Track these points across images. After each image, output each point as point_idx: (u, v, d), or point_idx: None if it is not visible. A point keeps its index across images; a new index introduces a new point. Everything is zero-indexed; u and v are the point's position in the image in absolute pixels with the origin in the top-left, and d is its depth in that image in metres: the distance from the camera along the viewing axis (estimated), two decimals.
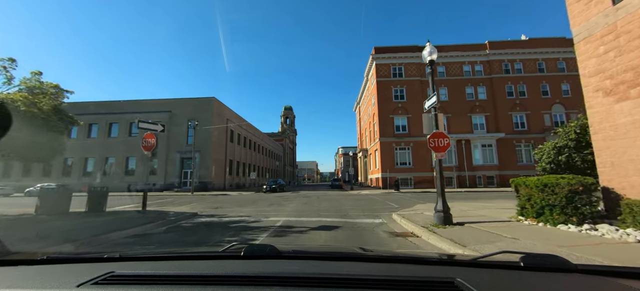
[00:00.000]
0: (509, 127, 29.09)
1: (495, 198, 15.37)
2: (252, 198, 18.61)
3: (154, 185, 30.39)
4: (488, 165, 27.71)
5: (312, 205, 13.09)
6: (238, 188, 37.20)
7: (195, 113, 31.26)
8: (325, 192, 27.38)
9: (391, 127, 29.51)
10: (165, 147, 31.32)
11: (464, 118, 29.58)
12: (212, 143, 31.35)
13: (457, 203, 11.67)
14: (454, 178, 27.46)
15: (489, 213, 8.45)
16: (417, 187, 27.94)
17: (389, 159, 28.73)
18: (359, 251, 1.47)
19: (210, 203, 14.45)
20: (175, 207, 12.46)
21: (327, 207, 11.89)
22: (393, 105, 29.94)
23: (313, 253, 1.47)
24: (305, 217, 9.19)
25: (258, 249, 1.41)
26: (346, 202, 14.44)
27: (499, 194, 19.28)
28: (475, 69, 30.67)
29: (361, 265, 1.31)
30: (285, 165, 78.81)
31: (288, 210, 11.29)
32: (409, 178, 28.37)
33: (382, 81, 30.40)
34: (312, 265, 1.28)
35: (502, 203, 11.52)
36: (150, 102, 33.04)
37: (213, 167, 31.28)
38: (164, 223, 8.06)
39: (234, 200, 17.12)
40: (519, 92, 29.92)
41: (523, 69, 30.34)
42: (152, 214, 9.48)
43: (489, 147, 28.22)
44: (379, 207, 11.85)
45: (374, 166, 32.80)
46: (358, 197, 17.78)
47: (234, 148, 37.90)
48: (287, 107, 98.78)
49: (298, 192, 26.59)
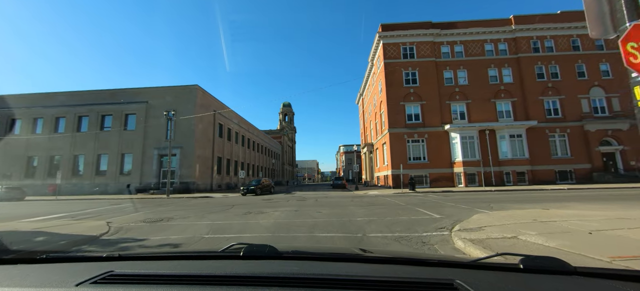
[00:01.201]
0: (540, 114, 24.84)
1: (557, 200, 11.19)
2: (231, 202, 14.50)
3: (128, 186, 26.32)
4: (518, 159, 23.47)
5: (306, 213, 8.95)
6: (228, 189, 33.10)
7: (175, 104, 27.14)
8: (325, 192, 23.23)
9: (402, 116, 25.31)
10: (142, 142, 27.25)
11: (486, 104, 25.36)
12: (196, 138, 27.25)
13: (526, 209, 7.48)
14: (477, 175, 23.25)
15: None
16: (433, 186, 23.75)
17: (400, 153, 24.54)
18: (359, 252, 1.46)
19: (168, 211, 10.37)
20: (95, 220, 8.28)
21: (327, 219, 7.74)
22: (404, 91, 25.74)
23: (312, 254, 1.45)
24: (285, 241, 5.07)
25: (257, 249, 1.41)
26: (354, 208, 10.28)
27: (548, 194, 15.09)
28: (499, 47, 26.42)
29: (361, 266, 1.30)
30: (284, 164, 74.72)
31: (266, 223, 7.17)
32: (424, 175, 24.18)
33: (391, 63, 26.21)
34: (312, 266, 1.27)
35: (603, 207, 7.34)
36: (124, 91, 28.95)
37: (197, 165, 27.18)
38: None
39: (207, 205, 13.02)
40: (550, 73, 25.67)
41: (554, 47, 26.08)
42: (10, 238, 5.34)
43: (518, 137, 23.98)
44: (410, 218, 7.66)
45: (382, 162, 28.64)
46: (368, 200, 13.62)
47: (224, 144, 33.80)
48: (286, 103, 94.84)
49: (292, 193, 22.42)
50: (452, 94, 25.63)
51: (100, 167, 27.73)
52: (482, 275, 1.10)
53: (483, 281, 1.01)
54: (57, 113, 28.91)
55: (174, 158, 26.74)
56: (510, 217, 6.18)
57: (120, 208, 11.90)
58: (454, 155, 24.13)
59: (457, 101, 25.53)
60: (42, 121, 29.14)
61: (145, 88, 28.85)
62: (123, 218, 8.56)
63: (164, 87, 28.55)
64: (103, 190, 26.49)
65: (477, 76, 25.83)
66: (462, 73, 26.03)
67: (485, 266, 1.21)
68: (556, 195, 14.02)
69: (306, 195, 19.70)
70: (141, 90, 28.88)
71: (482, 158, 23.68)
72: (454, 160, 24.07)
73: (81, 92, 29.63)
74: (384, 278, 1.07)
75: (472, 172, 23.25)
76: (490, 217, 6.41)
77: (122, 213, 9.97)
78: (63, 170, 27.38)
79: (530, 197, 13.08)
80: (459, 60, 26.19)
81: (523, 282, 1.04)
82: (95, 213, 10.43)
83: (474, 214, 7.25)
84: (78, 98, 29.11)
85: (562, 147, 24.52)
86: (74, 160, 27.97)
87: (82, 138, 27.98)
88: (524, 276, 1.09)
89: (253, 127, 47.81)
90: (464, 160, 23.34)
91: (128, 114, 28.24)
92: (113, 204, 14.52)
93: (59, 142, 28.13)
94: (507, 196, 14.02)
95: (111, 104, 28.49)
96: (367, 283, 1.01)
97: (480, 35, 26.44)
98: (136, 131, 27.61)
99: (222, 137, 33.76)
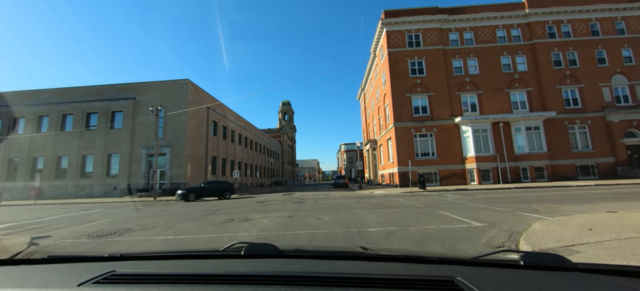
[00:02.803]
0: (558, 105, 22.91)
1: (596, 199, 9.35)
2: (217, 206, 12.68)
3: (115, 189, 24.54)
4: (535, 154, 21.56)
5: (303, 221, 7.10)
6: None
7: (165, 100, 25.37)
8: (326, 192, 21.40)
9: (408, 109, 23.42)
10: (129, 141, 25.45)
11: (499, 95, 23.45)
12: (187, 136, 25.44)
13: (591, 214, 5.62)
14: (491, 171, 21.37)
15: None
16: (444, 183, 21.89)
17: (406, 149, 22.67)
18: (360, 250, 1.44)
19: (137, 218, 8.55)
20: (21, 236, 6.41)
21: (329, 229, 5.88)
22: (410, 82, 23.84)
23: (313, 252, 1.45)
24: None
25: (258, 248, 1.41)
26: (362, 212, 8.43)
27: (578, 192, 13.21)
28: (512, 33, 24.49)
29: (362, 264, 1.28)
30: (284, 164, 72.91)
31: (246, 236, 5.34)
32: (434, 172, 22.31)
33: (396, 52, 24.31)
34: (313, 264, 1.26)
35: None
36: (111, 87, 27.14)
37: (188, 165, 25.37)
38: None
39: (187, 210, 11.21)
40: (568, 60, 23.73)
41: (572, 32, 24.13)
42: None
43: (535, 130, 22.06)
44: (441, 227, 5.79)
45: (387, 159, 26.78)
46: (377, 201, 11.78)
47: (219, 142, 31.98)
48: (285, 102, 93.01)
49: (290, 194, 20.59)
50: (462, 84, 23.73)
51: (86, 168, 25.94)
52: (482, 272, 1.09)
53: (484, 278, 1.01)
54: (41, 111, 27.12)
55: (164, 158, 24.95)
56: (589, 225, 4.34)
57: (84, 216, 10.08)
58: (466, 150, 22.24)
59: (468, 92, 23.63)
60: (24, 120, 27.37)
61: (133, 83, 27.03)
62: (68, 231, 6.72)
63: (153, 82, 26.73)
64: (88, 193, 24.72)
65: (489, 64, 23.91)
66: (472, 61, 24.11)
67: (485, 263, 1.19)
68: (589, 194, 12.09)
69: (305, 195, 17.87)
70: (129, 85, 27.07)
71: (495, 152, 21.81)
72: (465, 155, 22.19)
73: (66, 89, 27.81)
74: (385, 275, 1.07)
75: (485, 168, 21.36)
76: (561, 226, 4.53)
77: (78, 223, 8.15)
78: (46, 172, 25.68)
79: (563, 196, 11.21)
80: (468, 47, 24.27)
81: (524, 278, 1.03)
82: (50, 222, 8.62)
83: (530, 221, 5.42)
84: (62, 96, 27.30)
85: (583, 139, 22.60)
86: (58, 161, 26.18)
87: (67, 138, 26.18)
88: (525, 273, 1.09)
89: (251, 125, 45.99)
90: (476, 155, 21.46)
91: (115, 111, 26.44)
92: (85, 209, 12.71)
93: (42, 141, 26.34)
94: (537, 195, 12.15)
95: (97, 101, 26.69)
96: (368, 281, 1.02)
97: (491, 20, 24.51)
98: (123, 129, 25.80)
99: (217, 135, 31.95)
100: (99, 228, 6.98)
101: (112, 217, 9.27)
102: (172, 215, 9.23)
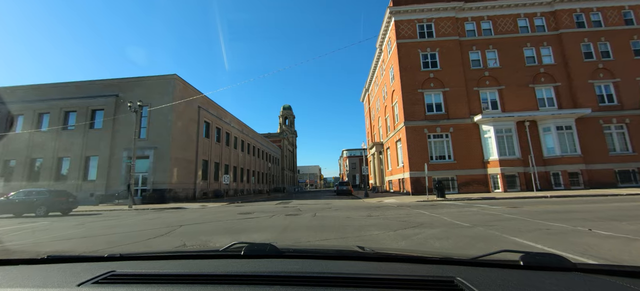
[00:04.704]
0: (591, 101, 20.18)
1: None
2: (194, 218, 9.98)
3: (91, 195, 21.93)
4: (568, 157, 18.76)
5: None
6: (216, 197, 28.62)
7: (150, 97, 22.92)
8: (328, 201, 18.65)
9: (421, 106, 20.77)
10: (109, 143, 22.95)
11: (523, 90, 20.78)
12: (174, 138, 22.91)
13: None
14: (518, 176, 18.57)
15: None
16: (463, 191, 19.09)
17: (419, 151, 19.94)
18: (359, 250, 1.45)
19: (76, 235, 5.92)
20: None
21: None
22: (422, 76, 21.26)
23: (313, 252, 1.45)
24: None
25: (258, 248, 1.42)
26: (379, 233, 5.74)
27: (630, 204, 10.45)
28: (535, 23, 21.95)
29: (361, 264, 1.29)
30: (284, 169, 70.19)
31: None
32: (451, 178, 19.52)
33: (405, 43, 21.80)
34: (312, 264, 1.26)
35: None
36: (92, 83, 24.80)
37: (174, 169, 22.77)
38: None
39: (152, 223, 8.59)
40: (600, 52, 21.10)
41: (603, 21, 21.57)
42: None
43: (567, 130, 19.30)
44: None
45: (395, 163, 24.03)
46: (394, 215, 9.05)
47: (211, 145, 29.42)
48: (286, 106, 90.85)
49: (287, 202, 17.85)
50: (480, 79, 21.11)
51: (61, 172, 23.40)
52: (482, 272, 1.09)
53: (484, 278, 1.00)
54: (16, 110, 24.74)
55: (146, 162, 22.38)
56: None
57: (9, 232, 7.42)
58: (487, 152, 19.49)
59: (487, 87, 20.99)
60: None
61: (116, 79, 24.69)
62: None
63: (137, 78, 24.37)
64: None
65: (511, 57, 21.32)
66: (491, 54, 21.54)
67: (485, 263, 1.20)
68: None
69: (303, 204, 15.13)
70: (111, 81, 24.72)
71: (521, 155, 19.07)
72: (487, 158, 19.42)
73: (43, 85, 25.51)
74: (385, 275, 1.07)
75: (511, 173, 18.57)
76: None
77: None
78: (18, 176, 23.16)
79: (632, 209, 8.42)
80: (487, 38, 21.73)
81: (523, 279, 1.02)
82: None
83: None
84: (39, 93, 24.97)
85: (621, 140, 19.79)
86: (31, 165, 23.68)
87: (42, 139, 23.72)
88: (524, 273, 1.08)
89: (249, 128, 43.51)
90: (500, 158, 18.70)
91: (95, 110, 24.04)
92: (33, 221, 10.06)
93: (15, 143, 23.89)
94: (596, 208, 9.36)
95: (76, 99, 24.31)
96: (368, 281, 1.01)
97: (512, 8, 22.02)
98: (103, 129, 23.35)
99: (210, 138, 29.42)
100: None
101: (42, 233, 6.62)
102: (117, 234, 6.57)
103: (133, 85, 23.95)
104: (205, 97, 28.97)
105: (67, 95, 24.60)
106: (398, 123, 22.54)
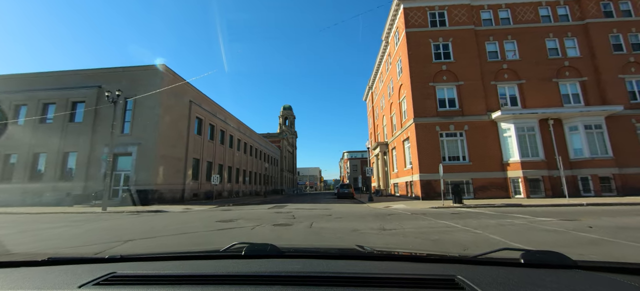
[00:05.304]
0: (622, 98, 18.16)
1: None
2: (167, 223, 7.95)
3: (68, 195, 19.93)
4: (598, 159, 16.70)
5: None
6: (207, 198, 26.59)
7: (135, 89, 20.97)
8: (328, 205, 16.61)
9: (432, 101, 18.76)
10: (89, 138, 20.99)
11: (546, 85, 18.77)
12: (160, 133, 20.93)
13: None
14: (542, 180, 16.51)
15: None
16: (479, 196, 17.03)
17: (430, 151, 17.90)
18: (360, 249, 1.44)
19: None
20: None
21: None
22: (433, 68, 19.27)
23: (314, 252, 1.45)
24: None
25: (259, 248, 1.41)
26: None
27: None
28: (558, 12, 19.99)
29: (362, 263, 1.29)
30: (283, 171, 68.16)
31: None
32: (465, 181, 17.46)
33: (415, 33, 19.83)
34: (313, 264, 1.26)
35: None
36: (75, 73, 22.88)
37: (160, 167, 20.77)
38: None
39: (106, 232, 6.53)
40: (631, 44, 19.10)
41: (633, 10, 19.58)
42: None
43: (596, 129, 17.26)
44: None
45: (403, 165, 21.97)
46: (415, 228, 7.03)
47: (203, 143, 27.44)
48: (286, 106, 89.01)
49: (281, 207, 15.77)
50: (498, 72, 19.12)
51: (37, 169, 21.44)
52: (483, 270, 1.08)
53: (484, 277, 1.00)
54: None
55: (129, 159, 20.41)
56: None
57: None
58: (507, 153, 17.44)
59: (506, 81, 18.98)
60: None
61: (100, 69, 22.79)
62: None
63: (122, 68, 22.43)
64: (36, 201, 20.09)
65: (531, 49, 19.33)
66: (510, 45, 19.56)
67: (486, 261, 1.19)
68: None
69: (299, 209, 13.08)
70: (95, 71, 22.81)
71: (546, 157, 17.03)
72: (506, 160, 17.37)
73: (23, 75, 23.63)
74: (386, 274, 1.07)
75: (534, 176, 16.51)
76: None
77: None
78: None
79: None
80: (505, 28, 19.77)
81: (524, 276, 1.01)
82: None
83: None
84: (16, 83, 23.06)
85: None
86: (5, 161, 21.72)
87: (18, 133, 21.78)
88: (526, 271, 1.08)
89: (246, 127, 41.56)
90: (522, 159, 16.65)
91: (76, 102, 22.11)
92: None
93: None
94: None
95: (56, 90, 22.39)
96: (369, 280, 1.01)
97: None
98: (84, 123, 21.40)
99: (202, 135, 27.44)
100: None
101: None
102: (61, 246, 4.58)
103: (118, 76, 22.01)
104: (198, 92, 27.06)
105: (47, 86, 22.70)
106: (406, 121, 20.52)
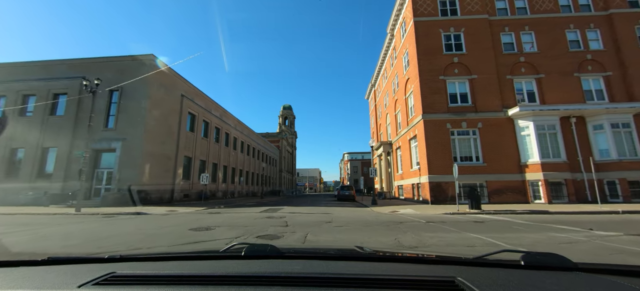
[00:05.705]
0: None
1: None
2: (120, 233, 6.37)
3: (45, 193, 18.36)
4: (627, 161, 15.08)
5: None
6: (200, 199, 24.99)
7: (122, 81, 19.44)
8: (328, 208, 15.01)
9: (443, 96, 17.19)
10: (71, 133, 19.46)
11: (567, 80, 17.19)
12: (147, 128, 19.39)
13: None
14: (565, 184, 14.89)
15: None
16: (495, 200, 15.41)
17: (441, 150, 16.31)
18: (359, 250, 1.44)
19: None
20: None
21: None
22: (444, 60, 17.72)
23: (314, 253, 1.44)
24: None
25: (259, 249, 1.41)
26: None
27: None
28: (580, 1, 18.44)
29: (362, 264, 1.29)
30: (282, 171, 66.55)
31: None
32: (479, 184, 15.84)
33: (424, 22, 18.30)
34: (313, 265, 1.26)
35: None
36: (61, 63, 21.40)
37: (147, 165, 19.21)
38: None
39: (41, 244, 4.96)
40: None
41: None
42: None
43: (624, 128, 15.66)
44: None
45: (409, 165, 20.37)
46: (432, 236, 5.41)
47: (196, 141, 25.88)
48: (286, 106, 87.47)
49: (276, 210, 14.15)
50: (515, 66, 17.55)
51: (14, 165, 19.89)
52: (483, 272, 1.08)
53: (485, 278, 0.99)
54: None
55: (112, 155, 18.86)
56: None
57: None
58: (525, 154, 15.83)
59: (523, 75, 17.41)
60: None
61: (86, 59, 21.31)
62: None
63: (108, 58, 20.93)
64: (11, 200, 18.51)
65: (550, 40, 17.77)
66: (527, 36, 18.01)
67: (486, 263, 1.19)
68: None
69: (295, 214, 11.48)
70: (81, 61, 21.33)
71: (568, 158, 15.42)
72: (525, 161, 15.76)
73: (5, 64, 22.14)
74: (386, 276, 1.06)
75: (556, 179, 14.89)
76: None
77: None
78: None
79: None
80: (521, 18, 18.22)
81: (525, 278, 1.01)
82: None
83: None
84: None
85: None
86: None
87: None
88: (526, 273, 1.07)
89: (243, 125, 40.02)
90: (543, 161, 15.04)
91: (57, 94, 20.60)
92: None
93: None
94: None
95: (38, 81, 20.89)
96: (369, 282, 1.00)
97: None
98: (65, 117, 19.89)
99: (195, 132, 25.89)
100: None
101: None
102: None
103: (103, 67, 20.50)
104: (191, 86, 25.54)
105: (28, 76, 21.19)
106: (413, 117, 18.94)
